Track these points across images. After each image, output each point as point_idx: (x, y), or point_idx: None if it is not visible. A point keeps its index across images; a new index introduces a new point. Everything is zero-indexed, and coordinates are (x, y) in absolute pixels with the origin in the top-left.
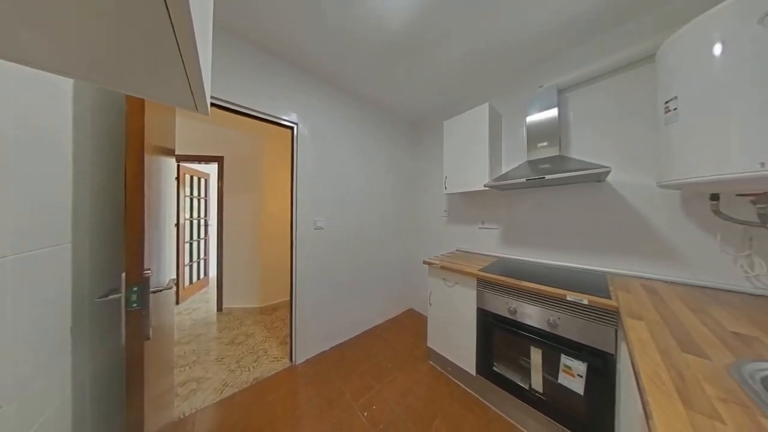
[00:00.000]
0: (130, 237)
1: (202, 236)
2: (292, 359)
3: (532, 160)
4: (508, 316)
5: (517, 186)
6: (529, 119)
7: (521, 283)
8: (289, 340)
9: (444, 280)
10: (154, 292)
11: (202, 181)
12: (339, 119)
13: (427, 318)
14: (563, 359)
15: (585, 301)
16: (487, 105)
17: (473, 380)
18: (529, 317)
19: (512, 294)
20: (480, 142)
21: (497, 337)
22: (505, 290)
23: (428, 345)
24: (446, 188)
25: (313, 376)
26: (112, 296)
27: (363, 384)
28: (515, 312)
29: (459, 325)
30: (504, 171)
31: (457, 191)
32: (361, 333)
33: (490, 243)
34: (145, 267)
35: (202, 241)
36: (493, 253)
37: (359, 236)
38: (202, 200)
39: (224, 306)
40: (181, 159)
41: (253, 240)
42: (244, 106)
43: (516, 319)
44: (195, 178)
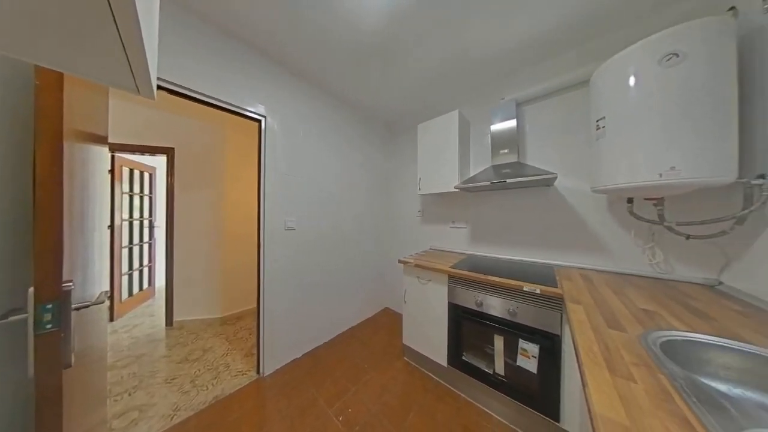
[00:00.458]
0: (41, 243)
1: (145, 240)
2: (259, 371)
3: (496, 165)
4: (475, 308)
5: (483, 188)
6: (493, 128)
7: (487, 278)
8: (256, 351)
9: (418, 278)
10: (77, 309)
11: (146, 175)
12: (312, 115)
13: (402, 316)
14: (521, 343)
15: (538, 291)
16: (457, 112)
17: (445, 371)
18: (493, 308)
19: (479, 288)
20: (450, 146)
21: (466, 328)
22: (473, 285)
23: (403, 342)
24: (420, 189)
25: (284, 386)
26: (12, 317)
27: (338, 388)
28: (481, 304)
29: (432, 321)
30: (472, 174)
31: (430, 192)
32: (337, 336)
33: (460, 241)
34: (65, 279)
35: (145, 245)
36: (463, 251)
37: (334, 237)
38: (146, 198)
39: (175, 319)
40: (118, 149)
41: (213, 243)
42: (202, 92)
43: (482, 311)
44: (137, 173)
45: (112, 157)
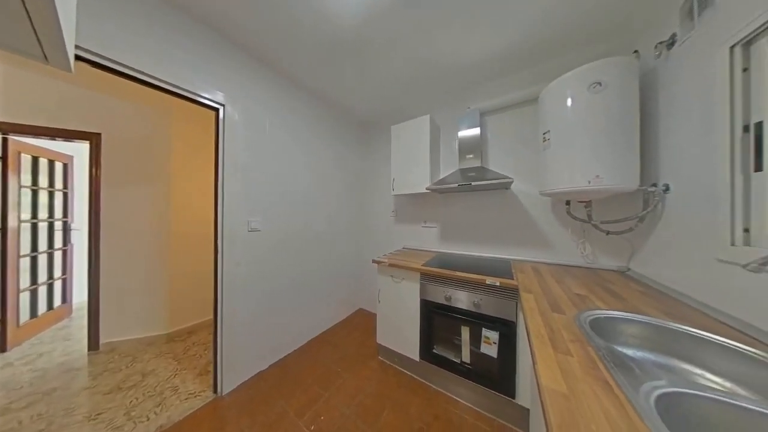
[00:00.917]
0: None
1: (58, 246)
2: (217, 390)
3: (463, 168)
4: (445, 302)
5: (452, 190)
6: (461, 134)
7: (455, 273)
8: (212, 368)
9: (392, 276)
10: None
11: (59, 166)
12: (281, 108)
13: (376, 315)
14: (484, 332)
15: (498, 283)
16: (428, 117)
17: (417, 366)
18: (461, 301)
19: (448, 284)
20: (422, 149)
21: (436, 322)
22: (443, 281)
23: (378, 341)
24: (394, 189)
25: (248, 403)
26: None
27: (309, 396)
28: (450, 298)
29: (405, 318)
30: (442, 176)
31: (403, 192)
32: (308, 341)
33: (432, 240)
34: None
35: (58, 253)
36: (434, 249)
37: (305, 238)
38: (59, 194)
39: (103, 341)
40: (14, 130)
41: (157, 247)
42: (140, 70)
43: (451, 305)
44: (44, 162)
45: (5, 140)
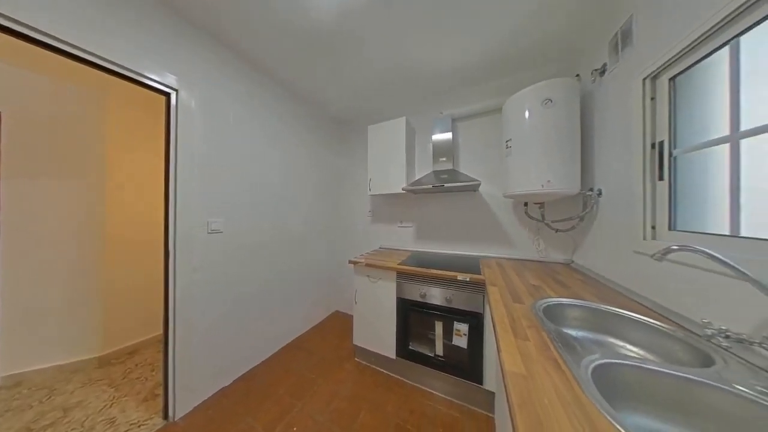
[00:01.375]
0: None
1: None
2: (168, 415)
3: (436, 170)
4: (420, 299)
5: (426, 191)
6: (434, 137)
7: (430, 271)
8: (162, 390)
9: (369, 277)
10: None
11: None
12: (250, 101)
13: (352, 317)
14: (455, 325)
15: (468, 279)
16: (404, 119)
17: (394, 363)
18: (434, 297)
19: (423, 281)
20: (398, 150)
21: (412, 319)
22: (418, 279)
23: (354, 343)
24: (370, 190)
25: (207, 425)
26: None
27: (281, 408)
28: (425, 295)
29: (382, 317)
30: (417, 177)
31: (380, 193)
32: (280, 349)
33: (408, 239)
34: None
35: None
36: (410, 248)
37: (276, 239)
38: None
39: (4, 374)
40: None
41: (86, 255)
42: (64, 40)
43: (425, 301)
44: None
45: None
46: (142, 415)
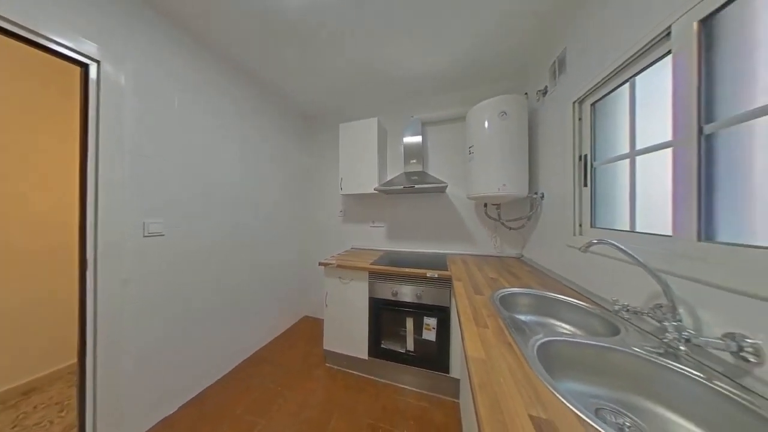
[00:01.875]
0: None
1: None
2: None
3: (407, 172)
4: (392, 298)
5: (397, 191)
6: (405, 139)
7: (401, 270)
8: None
9: (340, 278)
10: None
11: None
12: (202, 86)
13: (323, 321)
14: (425, 320)
15: (436, 275)
16: (376, 119)
17: (366, 364)
18: (405, 295)
19: (395, 279)
20: (371, 150)
21: (384, 318)
22: (390, 278)
23: (324, 348)
24: (342, 189)
25: None
26: None
27: (241, 428)
28: (396, 294)
29: (354, 318)
30: (389, 178)
31: (351, 192)
32: (239, 364)
33: (379, 239)
34: None
35: None
36: (381, 248)
37: (235, 242)
38: None
39: None
40: None
41: None
42: None
43: (397, 299)
44: None
45: None
46: None
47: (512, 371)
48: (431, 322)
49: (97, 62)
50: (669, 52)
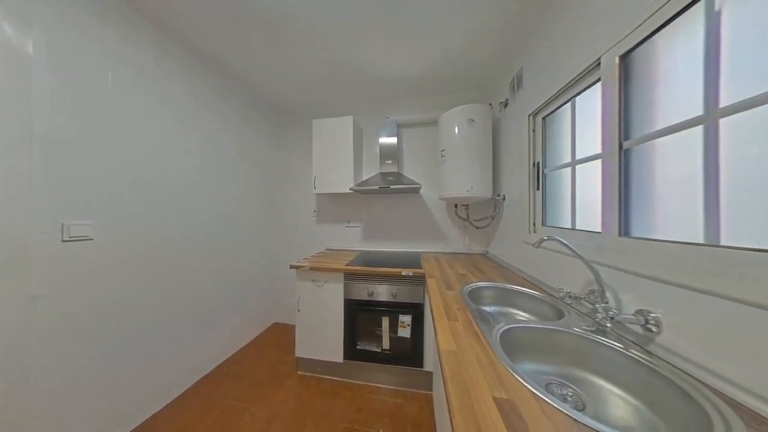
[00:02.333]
0: None
1: None
2: None
3: (383, 172)
4: (368, 298)
5: (373, 191)
6: (381, 140)
7: (376, 269)
8: None
9: (314, 281)
10: None
11: None
12: (148, 67)
13: (294, 327)
14: (400, 317)
15: (411, 273)
16: (351, 118)
17: (342, 367)
18: (381, 294)
19: (370, 279)
20: (346, 149)
21: (360, 319)
22: (366, 278)
23: (296, 355)
24: (315, 188)
25: None
26: None
27: None
28: (372, 293)
29: (328, 322)
30: (365, 178)
31: (326, 192)
32: (195, 383)
33: (355, 239)
34: None
35: None
36: (357, 248)
37: (189, 245)
38: None
39: None
40: None
41: None
42: None
43: (373, 299)
44: None
45: None
46: None
47: (479, 359)
48: (406, 319)
49: None
50: (599, 80)
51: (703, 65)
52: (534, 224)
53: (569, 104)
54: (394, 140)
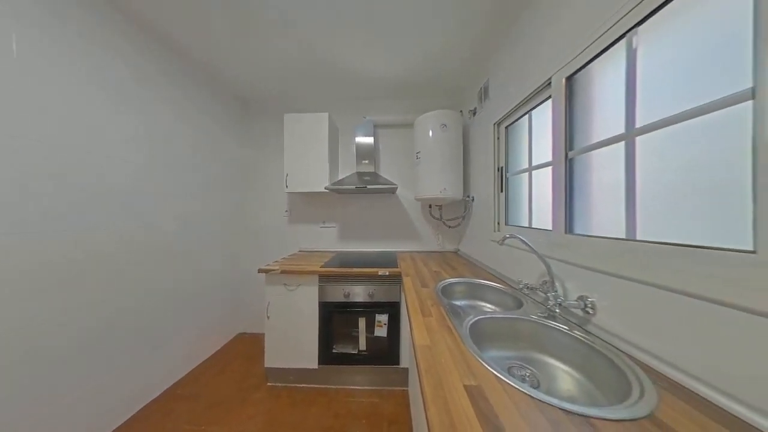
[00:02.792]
0: None
1: None
2: None
3: (359, 172)
4: (344, 299)
5: (350, 191)
6: (358, 139)
7: (353, 270)
8: None
9: (285, 285)
10: None
11: None
12: (69, 33)
13: (263, 336)
14: (377, 317)
15: (387, 273)
16: (327, 115)
17: (316, 373)
18: (358, 295)
19: (347, 281)
20: (321, 146)
21: (336, 322)
22: (342, 279)
23: (266, 366)
24: (287, 186)
25: None
26: None
27: None
28: (348, 295)
29: (302, 327)
30: (341, 177)
31: (299, 190)
32: (141, 409)
33: (331, 240)
34: None
35: None
36: (333, 249)
37: (131, 250)
38: None
39: None
40: None
41: None
42: None
43: (349, 300)
44: None
45: None
46: None
47: (451, 351)
48: (383, 318)
49: None
50: (550, 97)
51: (625, 91)
52: (498, 223)
53: (527, 116)
54: (371, 140)
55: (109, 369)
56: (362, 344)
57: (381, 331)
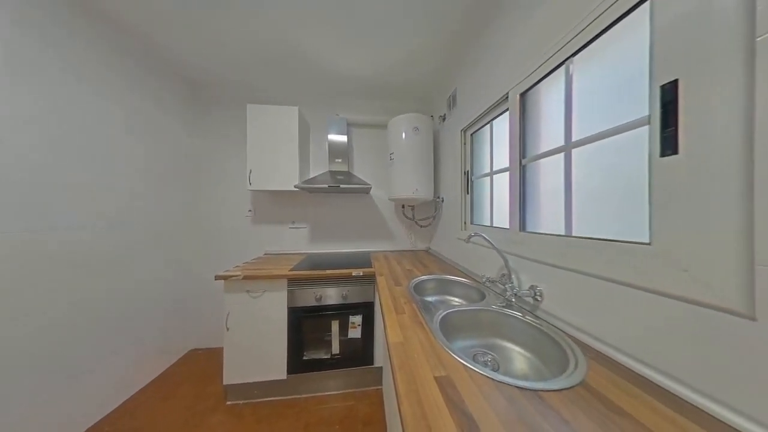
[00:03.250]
0: None
1: None
2: None
3: (332, 170)
4: (315, 303)
5: (322, 190)
6: (330, 137)
7: (326, 272)
8: None
9: (248, 292)
10: None
11: None
12: None
13: (221, 350)
14: (350, 318)
15: (361, 273)
16: (297, 109)
17: (285, 384)
18: (330, 297)
19: (319, 283)
20: (290, 142)
21: (306, 327)
22: (313, 282)
23: (225, 383)
24: (251, 183)
25: None
26: None
27: None
28: (320, 298)
29: (268, 336)
30: (312, 175)
31: (265, 188)
32: None
33: (300, 241)
34: None
35: None
36: (302, 251)
37: (30, 259)
38: None
39: None
40: None
41: None
42: None
43: (321, 304)
44: None
45: None
46: None
47: (423, 345)
48: (357, 320)
49: None
50: (507, 109)
51: (564, 109)
52: (465, 223)
53: (489, 125)
54: (344, 138)
55: (7, 408)
56: (335, 348)
57: (355, 333)
